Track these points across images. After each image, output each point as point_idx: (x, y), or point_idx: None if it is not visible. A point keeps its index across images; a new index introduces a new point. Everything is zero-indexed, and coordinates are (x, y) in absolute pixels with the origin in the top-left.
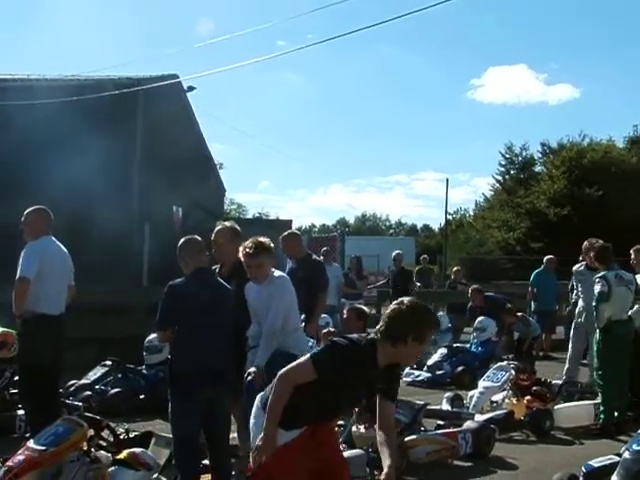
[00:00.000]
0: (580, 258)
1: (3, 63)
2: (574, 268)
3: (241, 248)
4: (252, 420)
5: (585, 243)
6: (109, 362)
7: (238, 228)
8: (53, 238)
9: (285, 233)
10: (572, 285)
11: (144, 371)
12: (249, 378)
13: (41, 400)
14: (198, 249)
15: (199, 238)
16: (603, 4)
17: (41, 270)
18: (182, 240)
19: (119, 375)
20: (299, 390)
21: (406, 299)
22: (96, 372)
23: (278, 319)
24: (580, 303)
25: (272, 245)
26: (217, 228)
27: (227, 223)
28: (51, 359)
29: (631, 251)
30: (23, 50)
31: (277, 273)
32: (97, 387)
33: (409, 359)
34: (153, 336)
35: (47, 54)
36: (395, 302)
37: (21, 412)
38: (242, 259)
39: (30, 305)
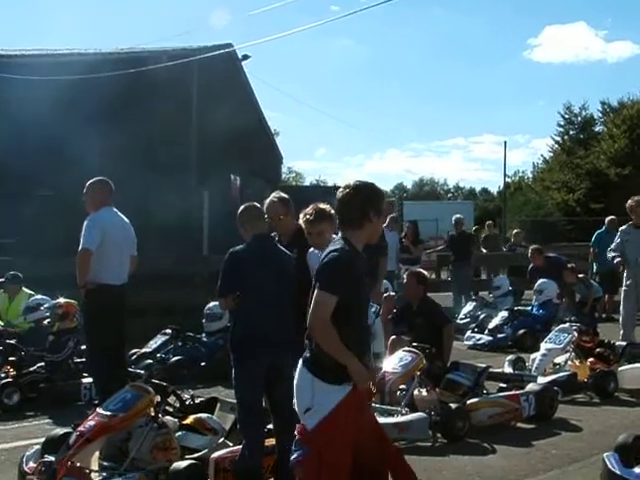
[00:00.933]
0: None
1: (58, 38)
2: (621, 228)
3: (301, 215)
4: (297, 382)
5: (630, 201)
6: (169, 330)
7: (285, 196)
8: (115, 209)
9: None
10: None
11: (204, 339)
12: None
13: (108, 368)
14: (257, 216)
15: (258, 205)
16: None
17: (103, 241)
18: (241, 207)
19: (179, 343)
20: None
21: (351, 182)
22: (157, 340)
23: None
24: (629, 261)
25: (333, 212)
26: (266, 204)
27: (274, 196)
28: (115, 328)
29: None
30: (73, 24)
31: (338, 238)
32: (158, 355)
33: (375, 235)
34: (213, 304)
35: (100, 28)
36: (340, 189)
37: (86, 380)
38: (303, 226)
39: (93, 276)
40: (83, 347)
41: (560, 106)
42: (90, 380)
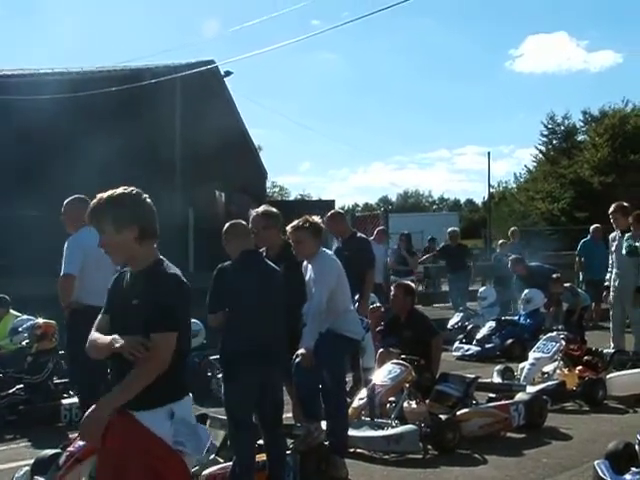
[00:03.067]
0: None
1: (38, 57)
2: (610, 235)
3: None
4: None
5: (612, 207)
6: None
7: (271, 210)
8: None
9: (329, 213)
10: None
11: None
12: (297, 360)
13: (92, 386)
14: (243, 232)
15: (244, 222)
16: None
17: (85, 263)
18: (227, 225)
19: None
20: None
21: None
22: None
23: (322, 299)
24: (614, 270)
25: (319, 224)
26: (251, 217)
27: (260, 209)
28: None
29: None
30: (58, 44)
31: (328, 252)
32: None
33: None
34: None
35: (83, 46)
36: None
37: (66, 401)
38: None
39: (76, 296)
40: (65, 367)
41: (543, 116)
42: (70, 401)
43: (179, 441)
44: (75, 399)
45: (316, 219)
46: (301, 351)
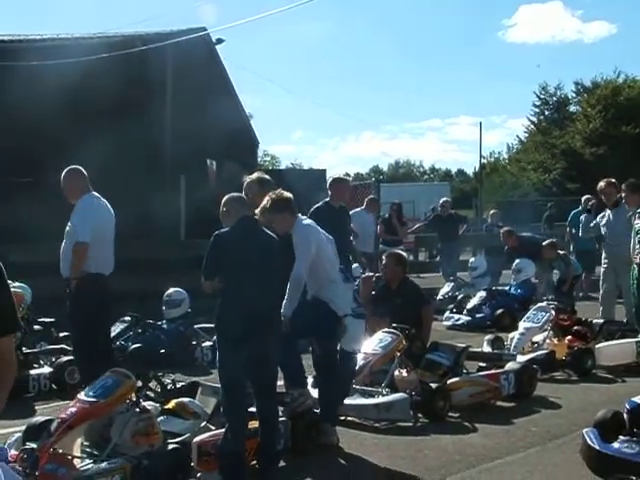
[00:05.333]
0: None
1: (30, 24)
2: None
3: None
4: None
5: (600, 183)
6: (128, 317)
7: (265, 177)
8: (96, 194)
9: (331, 178)
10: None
11: (164, 325)
12: None
13: (93, 370)
14: (241, 203)
15: (244, 196)
16: None
17: (94, 232)
18: (226, 196)
19: (139, 330)
20: None
21: None
22: (115, 328)
23: (301, 269)
24: (607, 241)
25: (281, 198)
26: (245, 183)
27: (254, 175)
28: (104, 318)
29: None
30: (49, 10)
31: (305, 222)
32: (117, 343)
33: None
34: (172, 290)
35: (74, 13)
36: None
37: (34, 372)
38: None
39: (85, 265)
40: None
41: (536, 86)
42: (39, 371)
43: None
44: (44, 369)
45: (279, 193)
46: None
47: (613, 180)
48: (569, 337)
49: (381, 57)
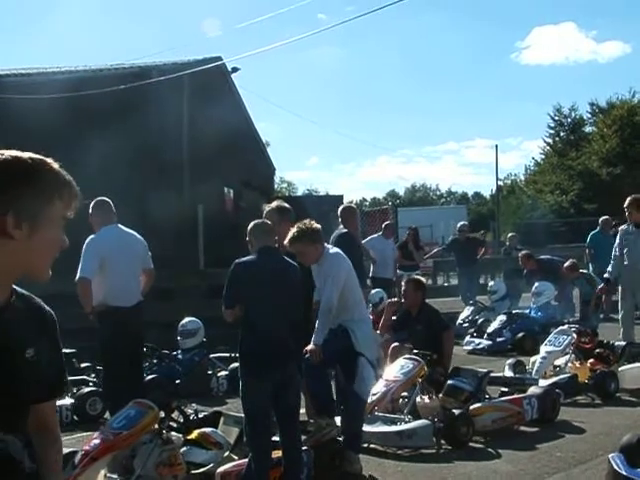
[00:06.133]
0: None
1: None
2: (621, 227)
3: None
4: None
5: (629, 199)
6: (144, 348)
7: (285, 205)
8: (120, 226)
9: (341, 207)
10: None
11: (179, 356)
12: (306, 355)
13: (117, 394)
14: (265, 230)
15: (268, 221)
16: None
17: (104, 264)
18: (252, 223)
19: (154, 361)
20: None
21: None
22: None
23: (333, 297)
24: (625, 262)
25: (313, 228)
26: (264, 211)
27: (273, 204)
28: (128, 352)
29: None
30: (63, 42)
31: (332, 250)
32: None
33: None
34: (187, 320)
35: (89, 45)
36: None
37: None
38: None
39: (103, 298)
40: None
41: (551, 108)
42: (61, 402)
43: None
44: (65, 401)
45: (309, 223)
46: (310, 347)
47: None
48: (591, 360)
49: (395, 81)
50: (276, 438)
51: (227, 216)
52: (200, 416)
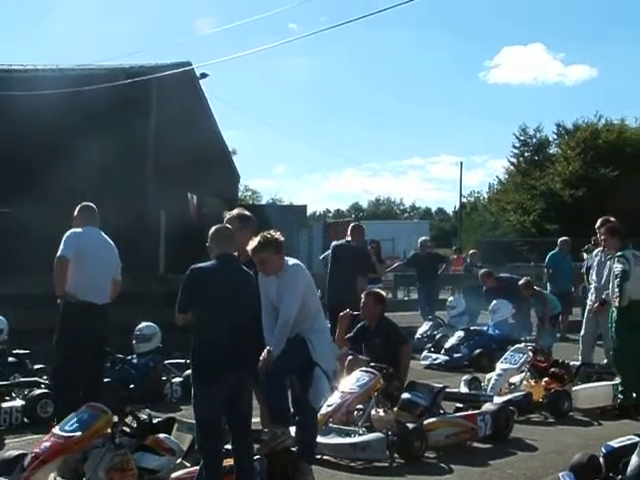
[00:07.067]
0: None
1: (13, 54)
2: (595, 251)
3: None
4: None
5: (601, 222)
6: None
7: (246, 213)
8: (98, 230)
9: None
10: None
11: (134, 360)
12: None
13: (69, 394)
14: (225, 236)
15: (229, 227)
16: None
17: (82, 253)
18: (212, 228)
19: (108, 365)
20: None
21: None
22: None
23: (292, 309)
24: (593, 284)
25: (279, 238)
26: (225, 219)
27: (234, 212)
28: (89, 351)
29: None
30: (33, 41)
31: (291, 262)
32: None
33: None
34: (143, 324)
35: (58, 45)
36: None
37: (6, 405)
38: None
39: (72, 289)
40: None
41: (517, 128)
42: (11, 404)
43: None
44: (16, 402)
45: (274, 233)
46: (264, 354)
47: (612, 219)
48: (546, 379)
49: (364, 95)
50: (229, 446)
51: (190, 222)
52: (154, 422)
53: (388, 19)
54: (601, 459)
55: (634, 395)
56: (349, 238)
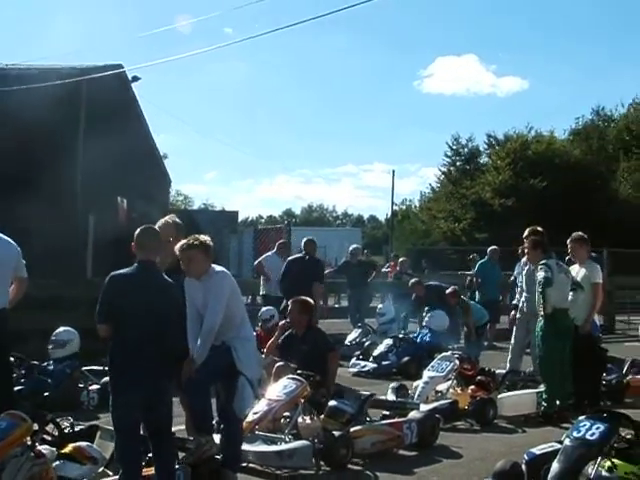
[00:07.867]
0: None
1: None
2: (523, 259)
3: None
4: None
5: (526, 231)
6: (11, 359)
7: (179, 222)
8: None
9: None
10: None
11: (50, 367)
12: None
13: None
14: (150, 237)
15: (156, 228)
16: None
17: None
18: (139, 229)
19: (22, 372)
20: None
21: None
22: None
23: (217, 315)
24: (524, 294)
25: (208, 242)
26: (159, 224)
27: (169, 218)
28: None
29: (568, 242)
30: None
31: (218, 268)
32: None
33: None
34: (61, 329)
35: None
36: None
37: None
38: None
39: None
40: None
41: (450, 137)
42: None
43: None
44: None
45: (204, 237)
46: (187, 361)
47: (540, 229)
48: (472, 387)
49: (298, 102)
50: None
51: (119, 226)
52: (76, 429)
53: (324, 27)
54: (523, 466)
55: (557, 403)
56: (304, 252)
